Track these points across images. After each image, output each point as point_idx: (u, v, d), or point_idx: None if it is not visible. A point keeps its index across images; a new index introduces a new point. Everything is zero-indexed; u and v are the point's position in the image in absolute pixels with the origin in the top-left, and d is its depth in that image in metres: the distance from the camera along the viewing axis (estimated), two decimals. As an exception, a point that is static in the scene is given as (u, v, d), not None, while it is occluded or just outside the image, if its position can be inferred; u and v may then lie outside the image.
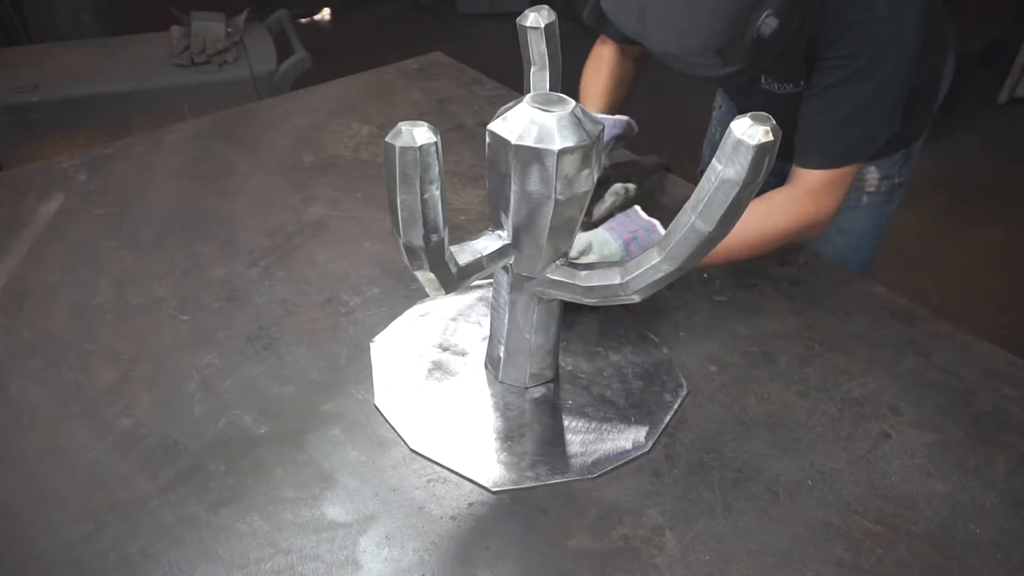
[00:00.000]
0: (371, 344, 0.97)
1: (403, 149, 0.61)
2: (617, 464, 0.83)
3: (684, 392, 0.91)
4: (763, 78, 1.10)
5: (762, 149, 0.59)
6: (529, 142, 0.68)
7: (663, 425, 0.87)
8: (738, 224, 0.96)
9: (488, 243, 0.77)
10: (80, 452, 0.83)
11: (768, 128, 0.59)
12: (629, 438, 0.86)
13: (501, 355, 0.89)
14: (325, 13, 4.44)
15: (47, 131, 2.31)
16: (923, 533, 0.77)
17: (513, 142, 0.69)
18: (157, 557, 0.73)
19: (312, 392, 0.91)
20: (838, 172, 1.00)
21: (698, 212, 0.65)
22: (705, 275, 1.08)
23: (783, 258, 1.12)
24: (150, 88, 2.37)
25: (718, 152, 0.62)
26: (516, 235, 0.76)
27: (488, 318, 0.98)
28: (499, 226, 0.77)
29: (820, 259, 1.13)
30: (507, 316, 0.85)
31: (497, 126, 0.70)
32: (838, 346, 0.98)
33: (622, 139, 1.18)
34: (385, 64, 1.65)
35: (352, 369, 0.94)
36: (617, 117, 1.16)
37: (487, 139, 0.72)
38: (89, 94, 2.31)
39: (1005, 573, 0.74)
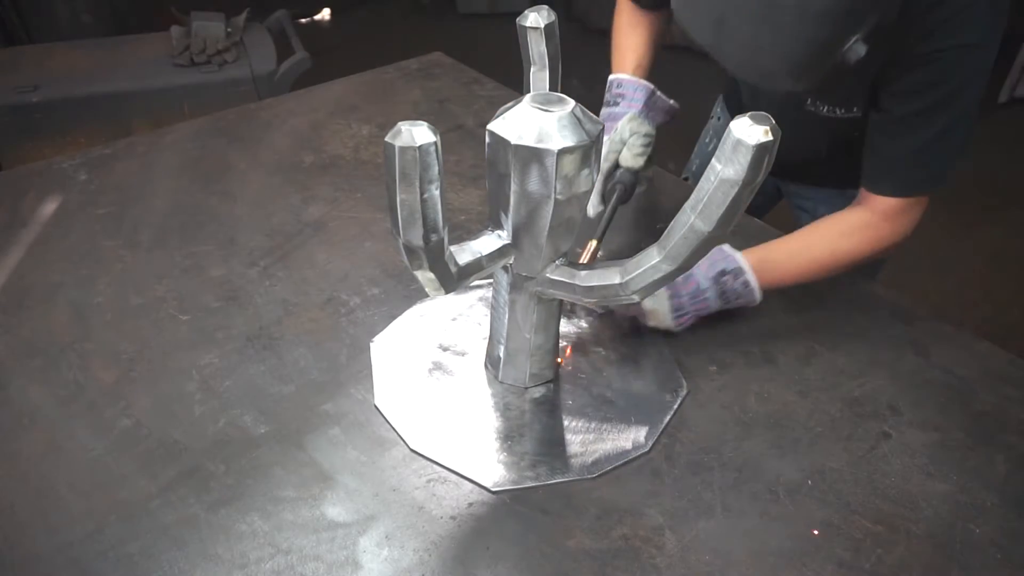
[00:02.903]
0: (371, 344, 0.97)
1: (403, 149, 0.61)
2: (617, 464, 0.83)
3: (684, 392, 0.91)
4: (809, 99, 1.04)
5: (761, 149, 0.59)
6: (529, 142, 0.68)
7: (663, 425, 0.87)
8: (811, 245, 0.99)
9: (488, 243, 0.77)
10: (80, 452, 0.83)
11: (768, 128, 0.59)
12: (629, 438, 0.86)
13: (501, 355, 0.89)
14: (325, 13, 4.44)
15: (47, 131, 2.31)
16: (923, 533, 0.77)
17: (513, 142, 0.69)
18: (157, 557, 0.73)
19: (312, 392, 0.91)
20: (913, 199, 0.96)
21: (697, 212, 0.65)
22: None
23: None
24: (150, 88, 2.37)
25: (717, 152, 0.62)
26: (516, 235, 0.76)
27: (488, 318, 0.98)
28: (499, 226, 0.77)
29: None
30: (507, 316, 0.85)
31: (497, 126, 0.70)
32: (838, 346, 0.98)
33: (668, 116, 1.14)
34: (385, 64, 1.65)
35: (352, 369, 0.94)
36: (668, 102, 1.13)
37: (487, 139, 0.72)
38: (89, 94, 2.31)
39: (1005, 573, 0.74)
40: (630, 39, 1.18)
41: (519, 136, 0.69)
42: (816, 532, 0.77)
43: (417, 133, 0.61)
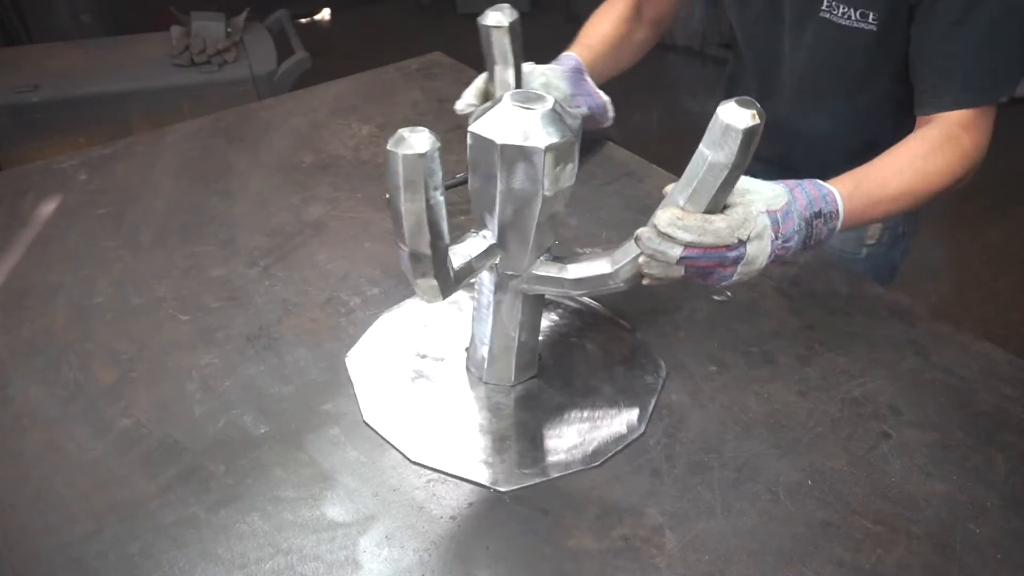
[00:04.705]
0: (346, 359, 0.94)
1: (406, 157, 0.61)
2: (617, 450, 0.83)
3: (664, 373, 0.92)
4: (824, 1, 0.99)
5: (750, 132, 0.62)
6: (516, 141, 0.68)
7: (651, 406, 0.88)
8: (900, 170, 0.90)
9: (475, 245, 0.77)
10: (80, 452, 0.83)
11: (754, 112, 0.62)
12: (622, 422, 0.86)
13: (485, 356, 0.89)
14: (325, 13, 4.45)
15: (47, 131, 2.31)
16: (923, 533, 0.77)
17: (499, 142, 0.69)
18: (157, 557, 0.73)
19: (312, 392, 0.91)
20: (985, 108, 0.90)
21: (686, 197, 0.66)
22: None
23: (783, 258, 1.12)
24: (150, 88, 2.38)
25: (705, 138, 0.64)
26: (502, 234, 0.76)
27: (458, 320, 0.99)
28: (483, 227, 0.77)
29: (820, 259, 1.12)
30: (491, 316, 0.84)
31: (480, 127, 0.70)
32: (838, 346, 0.98)
33: (591, 120, 1.06)
34: (385, 64, 1.65)
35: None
36: (598, 92, 1.07)
37: (469, 141, 0.72)
38: (89, 94, 2.32)
39: (1005, 573, 0.74)
40: (596, 28, 1.13)
41: (505, 136, 0.69)
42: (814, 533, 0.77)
43: (418, 140, 0.61)
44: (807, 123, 1.14)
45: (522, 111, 0.70)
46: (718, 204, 0.68)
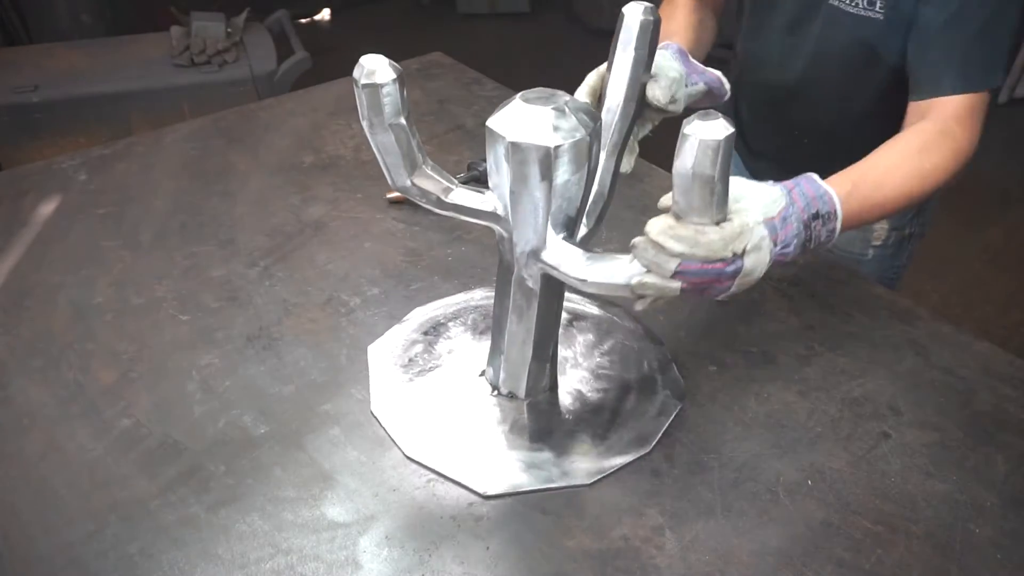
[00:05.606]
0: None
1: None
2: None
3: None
4: None
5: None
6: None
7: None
8: (894, 168, 0.89)
9: (566, 247, 0.75)
10: (80, 452, 0.83)
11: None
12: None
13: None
14: (325, 13, 4.45)
15: (47, 131, 2.31)
16: (923, 533, 0.77)
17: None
18: (157, 557, 0.73)
19: (312, 392, 0.91)
20: (978, 96, 0.93)
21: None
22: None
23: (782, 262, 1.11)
24: (150, 88, 2.38)
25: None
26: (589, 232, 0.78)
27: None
28: (571, 235, 0.76)
29: (820, 259, 1.12)
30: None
31: (545, 139, 0.68)
32: (838, 346, 0.98)
33: (711, 96, 0.98)
34: (385, 64, 1.65)
35: (352, 369, 0.94)
36: (708, 69, 0.98)
37: (537, 157, 0.68)
38: (89, 94, 2.32)
39: (1005, 573, 0.74)
40: (672, 23, 1.07)
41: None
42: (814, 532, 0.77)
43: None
44: (810, 115, 1.14)
45: (552, 112, 0.69)
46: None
